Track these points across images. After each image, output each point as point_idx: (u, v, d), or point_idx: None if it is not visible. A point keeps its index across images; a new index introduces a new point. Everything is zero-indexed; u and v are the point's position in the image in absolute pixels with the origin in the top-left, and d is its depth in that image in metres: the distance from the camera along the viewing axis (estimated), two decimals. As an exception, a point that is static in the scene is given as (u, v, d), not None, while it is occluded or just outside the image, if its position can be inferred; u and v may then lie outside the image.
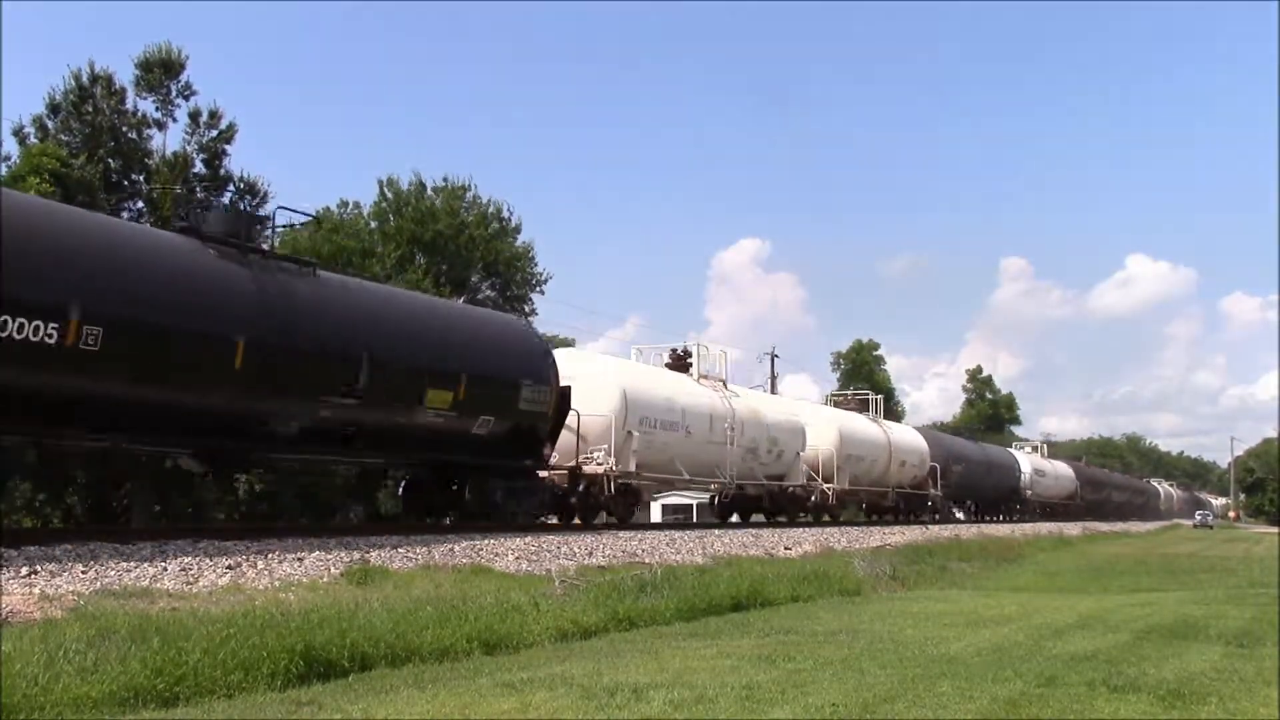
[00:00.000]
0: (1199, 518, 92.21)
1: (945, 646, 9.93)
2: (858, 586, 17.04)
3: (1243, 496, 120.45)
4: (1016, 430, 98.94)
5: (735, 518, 30.77)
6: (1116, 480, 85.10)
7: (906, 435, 41.47)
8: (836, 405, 38.83)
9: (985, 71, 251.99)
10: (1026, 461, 57.38)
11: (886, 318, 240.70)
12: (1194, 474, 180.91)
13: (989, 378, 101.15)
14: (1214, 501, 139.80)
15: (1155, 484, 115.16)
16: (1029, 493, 55.55)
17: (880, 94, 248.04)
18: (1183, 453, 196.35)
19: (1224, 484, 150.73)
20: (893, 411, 54.68)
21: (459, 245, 36.86)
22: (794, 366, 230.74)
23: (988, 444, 57.87)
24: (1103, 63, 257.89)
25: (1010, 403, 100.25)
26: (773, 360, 54.33)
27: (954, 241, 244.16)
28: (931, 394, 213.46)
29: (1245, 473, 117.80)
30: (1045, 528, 47.07)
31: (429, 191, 38.54)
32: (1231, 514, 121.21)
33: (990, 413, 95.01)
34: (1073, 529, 49.95)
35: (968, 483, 46.34)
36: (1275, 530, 68.15)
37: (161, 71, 27.46)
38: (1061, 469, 63.92)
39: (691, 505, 48.09)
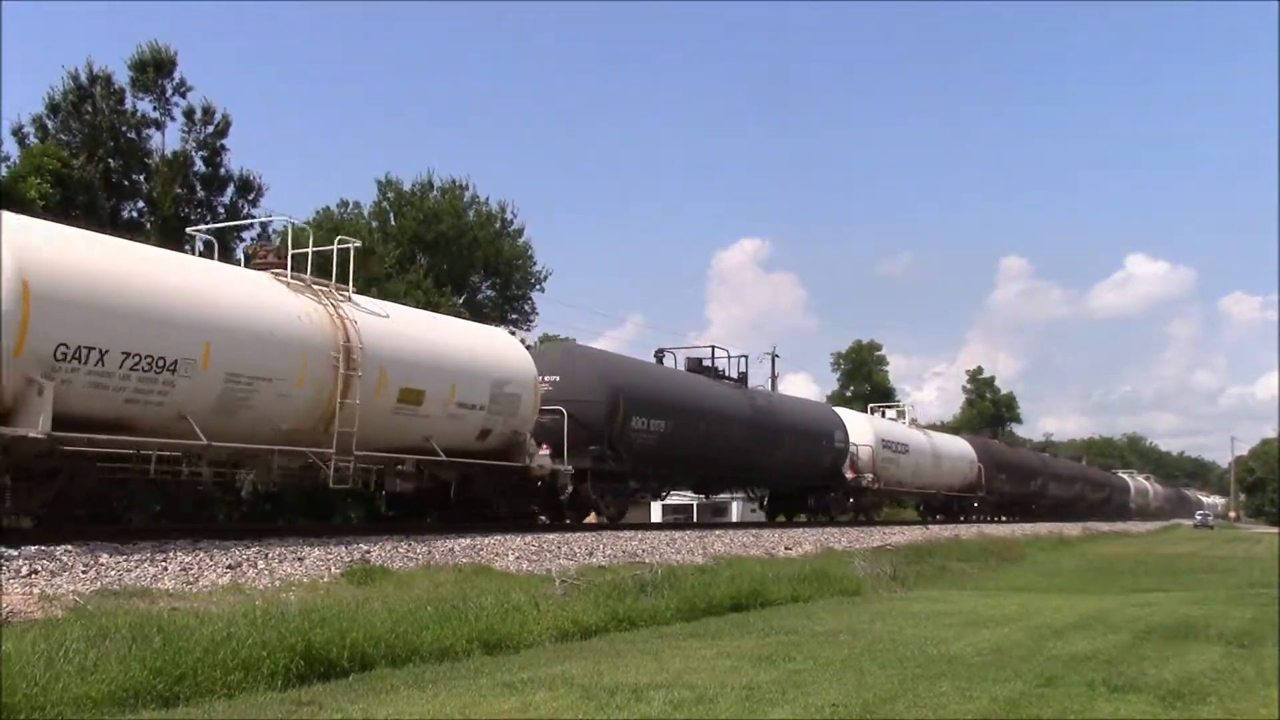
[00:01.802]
0: (1199, 518, 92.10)
1: (945, 646, 9.93)
2: (858, 586, 17.04)
3: (1243, 496, 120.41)
4: (1017, 430, 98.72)
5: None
6: (1059, 469, 67.20)
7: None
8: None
9: (985, 71, 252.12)
10: (864, 427, 36.16)
11: (886, 318, 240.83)
12: (1194, 474, 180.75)
13: (990, 378, 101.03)
14: (1206, 500, 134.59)
15: (1125, 477, 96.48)
16: (866, 477, 34.78)
17: (880, 94, 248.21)
18: (1183, 453, 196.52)
19: (1224, 484, 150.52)
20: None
21: (462, 245, 36.87)
22: (794, 366, 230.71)
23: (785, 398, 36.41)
24: (1102, 62, 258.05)
25: (1010, 402, 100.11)
26: (773, 360, 54.25)
27: (954, 241, 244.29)
28: (931, 394, 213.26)
29: (1245, 473, 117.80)
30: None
31: (434, 192, 38.57)
32: (1232, 514, 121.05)
33: (991, 412, 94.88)
34: (1073, 529, 49.44)
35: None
36: (1275, 530, 68.16)
37: (154, 71, 27.45)
38: (952, 446, 46.16)
39: (692, 505, 48.04)
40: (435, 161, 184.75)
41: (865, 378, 77.61)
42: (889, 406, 46.63)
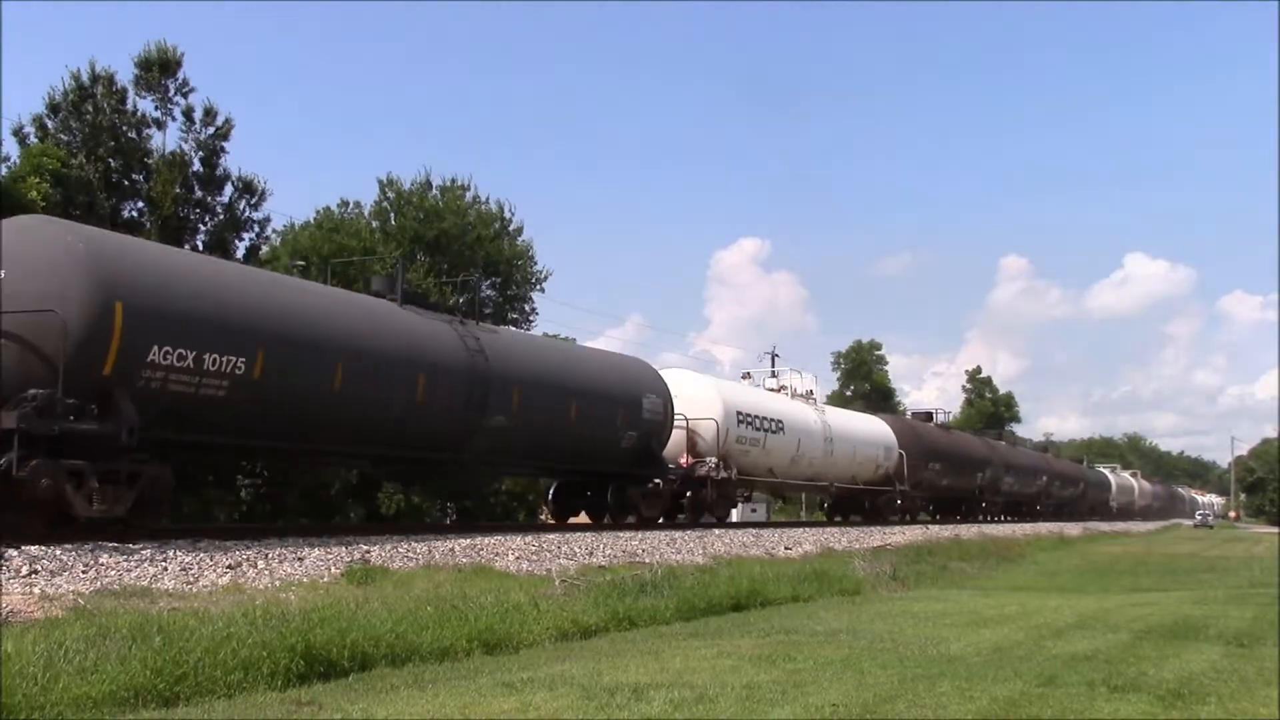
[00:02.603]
0: (1199, 518, 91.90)
1: (945, 646, 9.93)
2: (858, 586, 17.04)
3: (1243, 496, 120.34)
4: (1017, 429, 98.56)
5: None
6: (1016, 459, 53.77)
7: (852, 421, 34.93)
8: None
9: (984, 71, 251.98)
10: (707, 394, 26.08)
11: (886, 317, 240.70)
12: (1194, 473, 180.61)
13: (989, 378, 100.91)
14: (1203, 499, 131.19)
15: (1105, 472, 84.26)
16: (709, 464, 25.15)
17: (880, 94, 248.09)
18: (1183, 452, 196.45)
19: (1224, 484, 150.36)
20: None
21: (463, 245, 36.83)
22: (794, 366, 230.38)
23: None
24: (1102, 62, 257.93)
25: (1010, 402, 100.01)
26: (773, 360, 54.21)
27: (954, 241, 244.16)
28: (931, 394, 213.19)
29: (1245, 473, 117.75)
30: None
31: (433, 190, 38.53)
32: (1232, 514, 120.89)
33: (991, 411, 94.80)
34: (1073, 529, 49.14)
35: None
36: (1275, 530, 68.13)
37: (159, 70, 27.43)
38: (859, 427, 35.08)
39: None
40: (435, 161, 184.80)
41: (865, 377, 77.57)
42: (771, 374, 36.48)
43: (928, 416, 45.08)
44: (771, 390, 32.45)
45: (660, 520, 23.98)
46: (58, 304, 11.38)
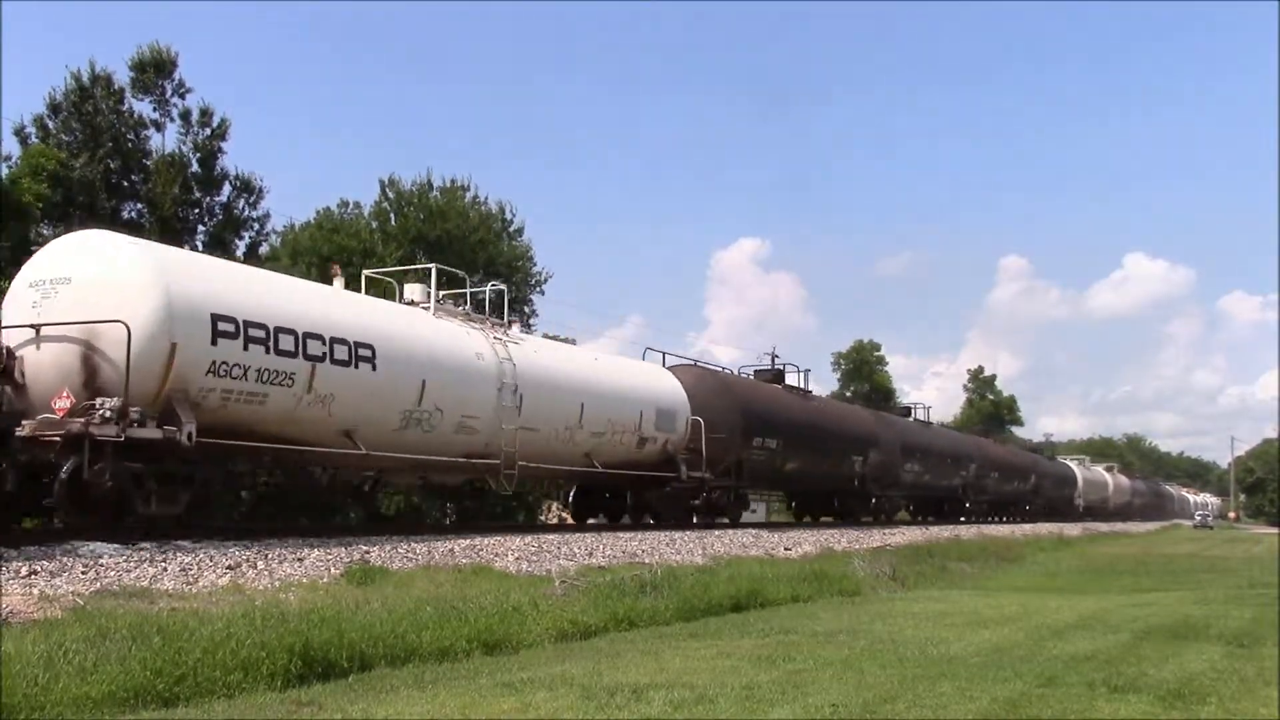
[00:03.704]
0: (1199, 518, 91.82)
1: (945, 647, 9.93)
2: (857, 587, 17.04)
3: (1243, 497, 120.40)
4: (1017, 430, 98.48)
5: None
6: (920, 440, 38.38)
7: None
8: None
9: (984, 71, 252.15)
10: (133, 277, 12.26)
11: (886, 318, 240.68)
12: (1194, 473, 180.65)
13: (991, 378, 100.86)
14: (1195, 499, 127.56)
15: (1072, 465, 70.48)
16: (103, 411, 11.50)
17: (880, 93, 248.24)
18: (1183, 453, 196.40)
19: (1224, 484, 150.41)
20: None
21: (465, 246, 36.83)
22: (792, 366, 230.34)
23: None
24: (1102, 61, 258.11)
25: (1011, 404, 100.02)
26: (773, 360, 54.15)
27: (954, 241, 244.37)
28: (931, 394, 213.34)
29: (1245, 473, 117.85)
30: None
31: (434, 191, 38.53)
32: (1231, 514, 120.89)
33: (991, 412, 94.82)
34: (1072, 529, 48.89)
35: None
36: (1275, 530, 68.16)
37: (154, 71, 27.45)
38: (612, 373, 21.79)
39: None
40: (435, 162, 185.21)
41: (865, 378, 77.58)
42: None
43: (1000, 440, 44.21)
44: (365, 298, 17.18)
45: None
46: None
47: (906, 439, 36.88)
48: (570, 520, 25.90)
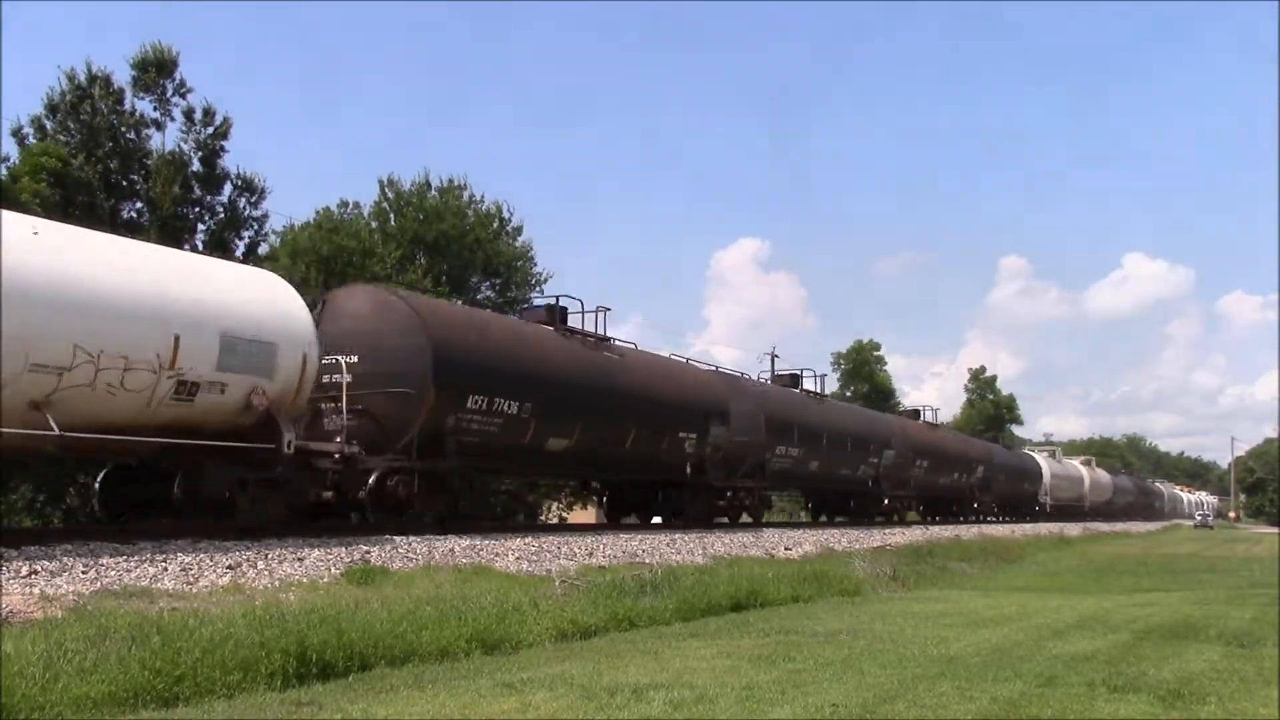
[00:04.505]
0: (1199, 518, 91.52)
1: (945, 646, 9.93)
2: (857, 587, 17.04)
3: (1243, 497, 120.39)
4: (1017, 430, 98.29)
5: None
6: (798, 412, 29.77)
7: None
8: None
9: (984, 71, 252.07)
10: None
11: (886, 318, 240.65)
12: (1194, 474, 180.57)
13: (993, 378, 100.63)
14: (1189, 497, 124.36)
15: (1037, 458, 61.55)
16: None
17: (880, 93, 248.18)
18: (1183, 453, 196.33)
19: (1224, 484, 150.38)
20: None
21: (463, 246, 36.81)
22: (794, 366, 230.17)
23: None
24: (1101, 61, 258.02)
25: (1011, 404, 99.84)
26: (773, 360, 54.16)
27: (953, 241, 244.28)
28: (931, 394, 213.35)
29: (1245, 473, 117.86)
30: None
31: (432, 191, 38.53)
32: (1231, 514, 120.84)
33: (991, 413, 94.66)
34: (1073, 529, 48.59)
35: None
36: (1275, 530, 68.15)
37: (155, 71, 27.43)
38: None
39: None
40: (435, 161, 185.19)
41: (865, 378, 77.49)
42: None
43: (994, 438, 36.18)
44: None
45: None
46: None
47: (810, 419, 30.64)
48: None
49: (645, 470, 22.43)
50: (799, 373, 33.19)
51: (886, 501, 35.23)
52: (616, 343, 22.06)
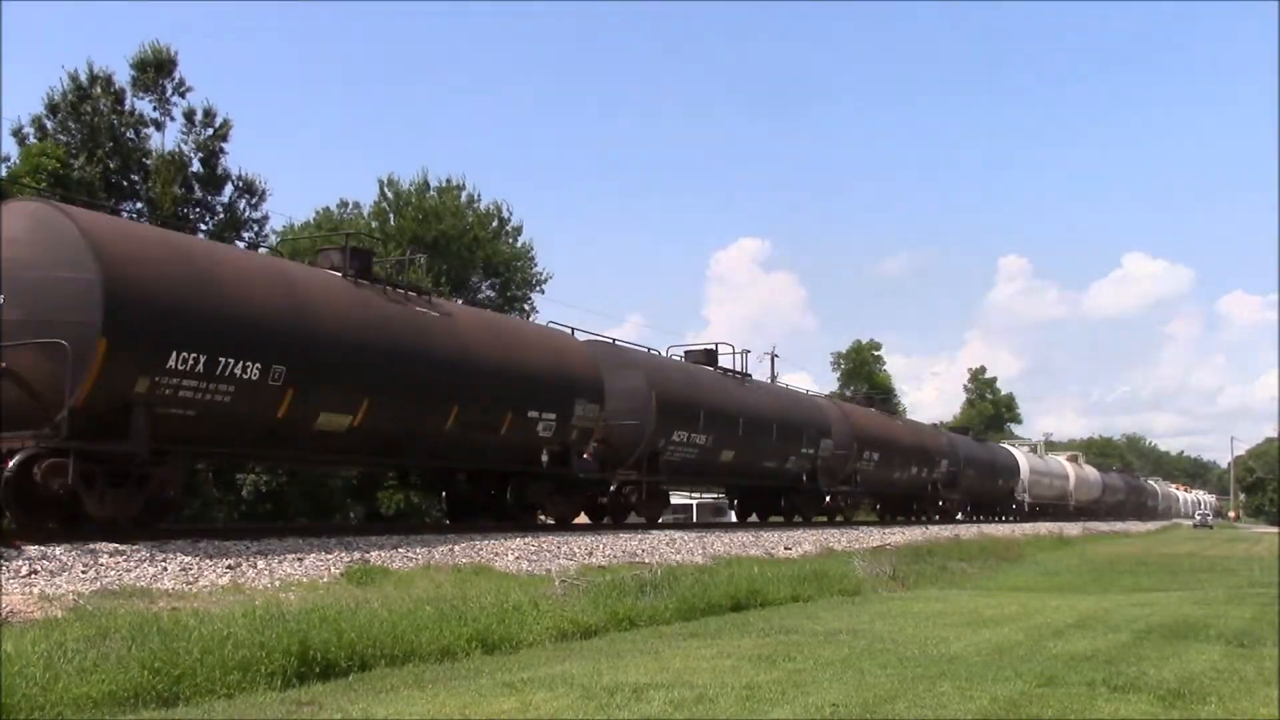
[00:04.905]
0: (1199, 518, 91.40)
1: (945, 646, 9.92)
2: (858, 586, 17.03)
3: (1243, 496, 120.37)
4: (1017, 430, 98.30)
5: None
6: (686, 383, 24.29)
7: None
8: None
9: (983, 70, 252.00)
10: None
11: (886, 317, 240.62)
12: (1194, 473, 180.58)
13: (992, 378, 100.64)
14: (1186, 496, 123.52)
15: (1014, 452, 57.46)
16: None
17: (879, 93, 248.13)
18: (1183, 452, 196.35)
19: (1224, 484, 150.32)
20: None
21: (462, 245, 36.84)
22: (794, 366, 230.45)
23: None
24: (1101, 60, 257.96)
25: (1010, 403, 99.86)
26: (773, 360, 54.20)
27: (953, 241, 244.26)
28: (931, 394, 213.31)
29: (1245, 473, 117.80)
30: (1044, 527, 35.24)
31: (431, 191, 38.57)
32: (1232, 514, 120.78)
33: (991, 413, 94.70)
34: (1073, 528, 48.46)
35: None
36: (1275, 530, 68.13)
37: (155, 71, 27.45)
38: None
39: (691, 505, 47.75)
40: (435, 161, 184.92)
41: (865, 378, 77.55)
42: None
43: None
44: None
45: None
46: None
47: (721, 399, 25.69)
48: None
49: (478, 459, 17.95)
50: (713, 347, 27.25)
51: (828, 499, 31.44)
52: (440, 300, 18.26)
